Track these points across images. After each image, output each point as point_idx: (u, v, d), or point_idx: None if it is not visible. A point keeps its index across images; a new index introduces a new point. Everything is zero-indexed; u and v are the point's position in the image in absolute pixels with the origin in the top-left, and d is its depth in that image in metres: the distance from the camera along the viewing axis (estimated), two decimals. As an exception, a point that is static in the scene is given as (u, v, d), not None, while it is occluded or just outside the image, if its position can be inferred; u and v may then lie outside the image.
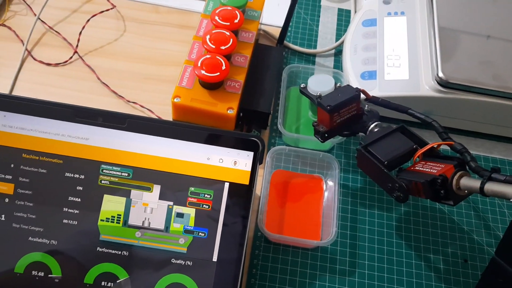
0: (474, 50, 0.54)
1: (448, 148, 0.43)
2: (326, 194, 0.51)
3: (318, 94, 0.49)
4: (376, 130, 0.46)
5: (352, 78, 0.56)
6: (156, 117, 0.53)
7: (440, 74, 0.52)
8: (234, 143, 0.40)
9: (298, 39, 0.64)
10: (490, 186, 0.36)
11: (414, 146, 0.44)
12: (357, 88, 0.47)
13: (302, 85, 0.51)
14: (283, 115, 0.54)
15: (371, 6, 0.62)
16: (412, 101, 0.53)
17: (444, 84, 0.52)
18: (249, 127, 0.54)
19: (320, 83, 0.52)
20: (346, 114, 0.47)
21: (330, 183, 0.51)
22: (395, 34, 0.58)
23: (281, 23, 0.58)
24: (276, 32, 0.61)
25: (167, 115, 0.52)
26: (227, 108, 0.49)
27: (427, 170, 0.41)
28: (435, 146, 0.43)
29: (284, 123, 0.55)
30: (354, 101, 0.46)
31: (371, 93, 0.54)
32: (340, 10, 0.67)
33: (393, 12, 0.60)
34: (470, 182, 0.39)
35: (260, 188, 0.48)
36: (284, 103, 0.56)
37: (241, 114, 0.52)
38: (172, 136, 0.40)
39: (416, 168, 0.43)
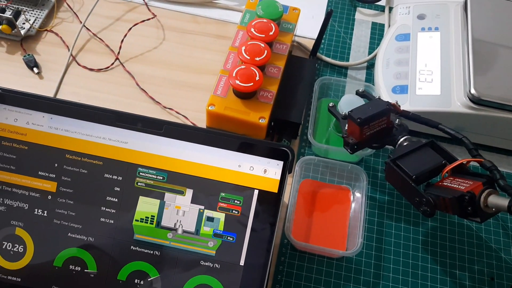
0: (509, 67, 0.54)
1: (478, 165, 0.44)
2: (353, 205, 0.51)
3: (344, 113, 0.50)
4: (405, 144, 0.46)
5: (383, 91, 0.57)
6: (191, 124, 0.55)
7: (473, 91, 0.52)
8: (265, 152, 0.42)
9: (331, 51, 0.65)
10: None
11: (443, 162, 0.44)
12: (388, 102, 0.48)
13: (330, 104, 0.52)
14: (313, 125, 0.55)
15: (405, 21, 0.62)
16: (443, 117, 0.53)
17: (476, 101, 0.52)
18: (280, 137, 0.55)
19: (351, 104, 0.53)
20: (376, 127, 0.47)
21: (358, 194, 0.51)
22: (428, 49, 0.58)
23: (315, 35, 0.59)
24: (310, 44, 0.62)
25: (201, 122, 0.54)
26: (259, 117, 0.50)
27: (455, 186, 0.42)
28: (465, 162, 0.43)
29: (314, 133, 0.56)
30: (385, 115, 0.47)
31: (402, 107, 0.55)
32: (374, 23, 0.68)
33: (427, 28, 0.60)
34: (498, 201, 0.39)
35: (288, 196, 0.49)
36: (315, 114, 0.57)
37: (272, 124, 0.54)
38: (206, 143, 0.42)
39: (444, 183, 0.43)
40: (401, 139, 0.47)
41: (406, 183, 0.43)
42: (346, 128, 0.48)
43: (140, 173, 0.41)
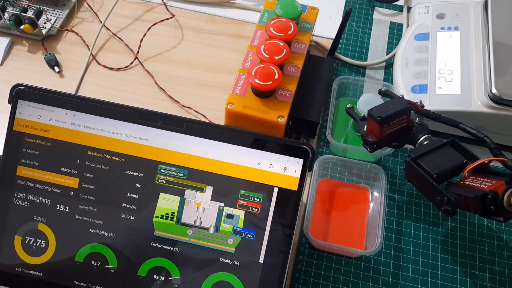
0: None
1: (500, 164, 0.43)
2: (371, 204, 0.51)
3: (362, 115, 0.49)
4: (426, 143, 0.46)
5: (403, 91, 0.57)
6: (209, 121, 0.55)
7: (494, 90, 0.51)
8: (285, 149, 0.42)
9: (349, 51, 0.65)
10: None
11: (465, 161, 0.44)
12: (408, 100, 0.47)
13: (348, 106, 0.52)
14: (331, 125, 0.55)
15: (424, 21, 0.62)
16: (463, 116, 0.53)
17: (497, 100, 0.51)
18: (298, 135, 0.55)
19: (369, 104, 0.53)
20: (396, 125, 0.47)
21: (376, 194, 0.51)
22: (448, 48, 0.58)
23: (333, 35, 0.59)
24: (328, 44, 0.62)
25: (220, 121, 0.54)
26: (278, 116, 0.50)
27: (477, 185, 0.41)
28: (486, 161, 0.43)
29: (332, 132, 0.56)
30: (405, 114, 0.47)
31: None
32: (392, 23, 0.68)
33: (446, 27, 0.60)
34: None
35: (306, 195, 0.49)
36: (333, 114, 0.57)
37: (290, 122, 0.54)
38: (226, 141, 0.42)
39: (466, 182, 0.43)
40: (421, 138, 0.47)
41: (427, 182, 0.43)
42: (366, 127, 0.48)
43: (161, 170, 0.42)
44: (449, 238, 0.50)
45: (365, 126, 0.48)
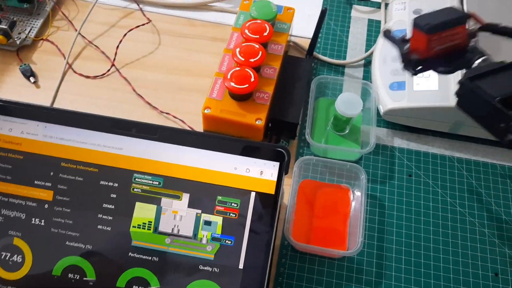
0: (503, 57, 0.53)
1: None
2: (353, 204, 0.51)
3: (401, 36, 0.41)
4: (485, 64, 0.39)
5: (381, 88, 0.56)
6: (188, 127, 0.55)
7: (471, 85, 0.51)
8: (261, 153, 0.41)
9: (327, 50, 0.64)
10: None
11: None
12: (465, 12, 0.39)
13: (384, 29, 0.42)
14: (311, 125, 0.55)
15: (401, 17, 0.62)
16: (442, 112, 0.53)
17: (474, 94, 0.51)
18: (278, 137, 0.55)
19: (349, 103, 0.53)
20: (447, 41, 0.38)
21: (357, 193, 0.51)
22: (425, 44, 0.58)
23: (311, 35, 0.59)
24: (306, 44, 0.62)
25: (199, 125, 0.54)
26: (256, 119, 0.50)
27: None
28: None
29: (312, 133, 0.56)
30: (459, 25, 0.38)
31: (399, 104, 0.54)
32: (370, 20, 0.68)
33: (423, 22, 0.60)
34: None
35: (287, 197, 0.49)
36: (312, 114, 0.57)
37: (269, 125, 0.53)
38: (201, 147, 0.41)
39: None
40: (479, 60, 0.39)
41: (488, 106, 0.35)
42: (407, 46, 0.40)
43: (136, 179, 0.41)
44: (431, 235, 0.50)
45: (406, 46, 0.41)
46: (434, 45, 0.38)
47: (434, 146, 0.56)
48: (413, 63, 0.39)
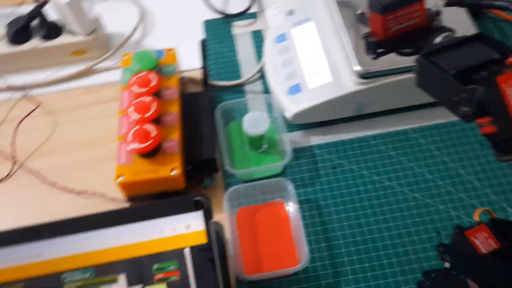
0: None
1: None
2: (291, 216, 0.52)
3: (359, 12, 0.40)
4: (444, 40, 0.37)
5: (281, 96, 0.58)
6: (110, 199, 0.54)
7: (357, 68, 0.53)
8: (181, 208, 0.41)
9: (222, 74, 0.65)
10: None
11: (497, 56, 0.34)
12: None
13: (358, 12, 0.42)
14: (229, 154, 0.55)
15: (278, 22, 0.63)
16: (341, 100, 0.55)
17: (364, 75, 0.53)
18: (201, 177, 0.55)
19: (256, 121, 0.54)
20: (405, 20, 0.37)
21: (291, 204, 0.52)
22: (308, 41, 0.59)
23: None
24: (201, 74, 0.62)
25: (119, 194, 0.53)
26: (171, 170, 0.50)
27: None
28: None
29: (233, 160, 0.56)
30: (414, 2, 0.37)
31: (300, 106, 0.56)
32: (253, 32, 0.69)
33: (299, 21, 0.62)
34: None
35: (228, 233, 0.49)
36: (227, 142, 0.57)
37: (189, 168, 0.53)
38: (120, 223, 0.40)
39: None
40: (440, 38, 0.37)
41: (443, 81, 0.34)
42: (368, 30, 0.40)
43: (66, 279, 0.40)
44: (371, 217, 0.52)
45: (369, 25, 0.40)
46: (392, 25, 0.37)
47: (347, 132, 0.58)
48: (373, 46, 0.38)
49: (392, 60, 0.53)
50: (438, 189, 0.53)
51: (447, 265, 0.38)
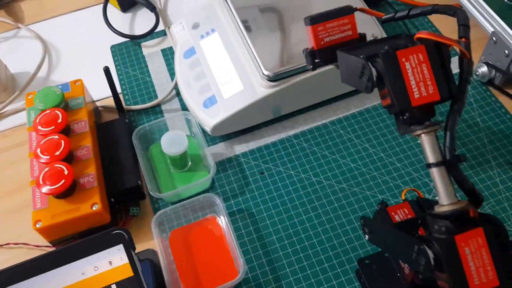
0: (281, 35, 0.56)
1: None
2: (225, 230, 0.51)
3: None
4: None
5: (197, 111, 0.57)
6: (34, 246, 0.51)
7: (266, 72, 0.53)
8: (99, 245, 0.39)
9: (137, 97, 0.64)
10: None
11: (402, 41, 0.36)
12: (348, 5, 0.41)
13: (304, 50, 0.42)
14: (152, 178, 0.54)
15: (185, 37, 0.63)
16: (256, 106, 0.55)
17: (273, 78, 0.54)
18: (127, 206, 0.53)
19: (174, 141, 0.53)
20: (336, 32, 0.40)
21: (222, 217, 0.51)
22: (215, 52, 0.59)
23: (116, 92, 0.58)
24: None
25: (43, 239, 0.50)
26: (91, 205, 0.48)
27: None
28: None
29: (159, 184, 0.55)
30: (343, 15, 0.40)
31: (218, 118, 0.55)
32: (163, 50, 0.68)
33: (205, 33, 0.61)
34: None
35: (162, 260, 0.47)
36: (150, 166, 0.56)
37: (112, 200, 0.51)
38: (38, 273, 0.38)
39: None
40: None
41: (356, 67, 0.36)
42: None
43: None
44: (303, 215, 0.52)
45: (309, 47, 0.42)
46: (323, 36, 0.39)
47: (269, 135, 0.58)
48: (309, 55, 0.40)
49: (299, 59, 0.54)
50: (364, 175, 0.54)
51: (366, 237, 0.38)
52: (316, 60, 0.41)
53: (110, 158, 0.54)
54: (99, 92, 0.63)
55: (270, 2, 0.59)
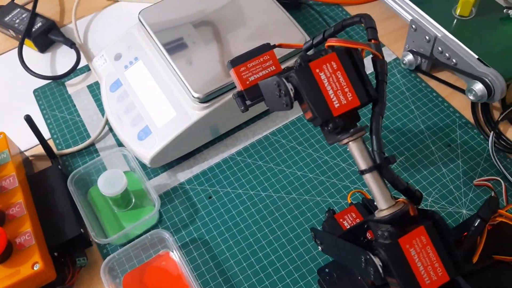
0: (203, 56, 0.55)
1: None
2: (179, 263, 0.49)
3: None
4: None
5: (132, 145, 0.55)
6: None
7: (196, 94, 0.52)
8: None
9: (69, 139, 0.60)
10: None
11: (309, 44, 0.38)
12: (266, 43, 0.41)
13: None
14: (95, 223, 0.51)
15: (109, 69, 0.60)
16: (191, 130, 0.53)
17: (203, 100, 0.52)
18: (73, 258, 0.50)
19: (111, 181, 0.50)
20: (259, 70, 0.40)
21: (175, 252, 0.49)
22: (142, 81, 0.57)
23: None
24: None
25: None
26: (32, 265, 0.45)
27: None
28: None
29: (104, 227, 0.52)
30: (262, 52, 0.40)
31: (155, 148, 0.53)
32: (89, 86, 0.65)
33: (128, 63, 0.59)
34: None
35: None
36: (91, 210, 0.53)
37: (56, 254, 0.48)
38: None
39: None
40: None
41: (272, 86, 0.36)
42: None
43: None
44: (258, 233, 0.51)
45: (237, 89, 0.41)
46: (248, 76, 0.39)
47: (212, 157, 0.57)
48: (240, 97, 0.40)
49: (227, 76, 0.53)
50: (312, 182, 0.54)
51: (320, 248, 0.38)
52: (247, 102, 0.40)
53: (47, 210, 0.51)
54: (26, 141, 0.60)
55: (190, 21, 0.58)
